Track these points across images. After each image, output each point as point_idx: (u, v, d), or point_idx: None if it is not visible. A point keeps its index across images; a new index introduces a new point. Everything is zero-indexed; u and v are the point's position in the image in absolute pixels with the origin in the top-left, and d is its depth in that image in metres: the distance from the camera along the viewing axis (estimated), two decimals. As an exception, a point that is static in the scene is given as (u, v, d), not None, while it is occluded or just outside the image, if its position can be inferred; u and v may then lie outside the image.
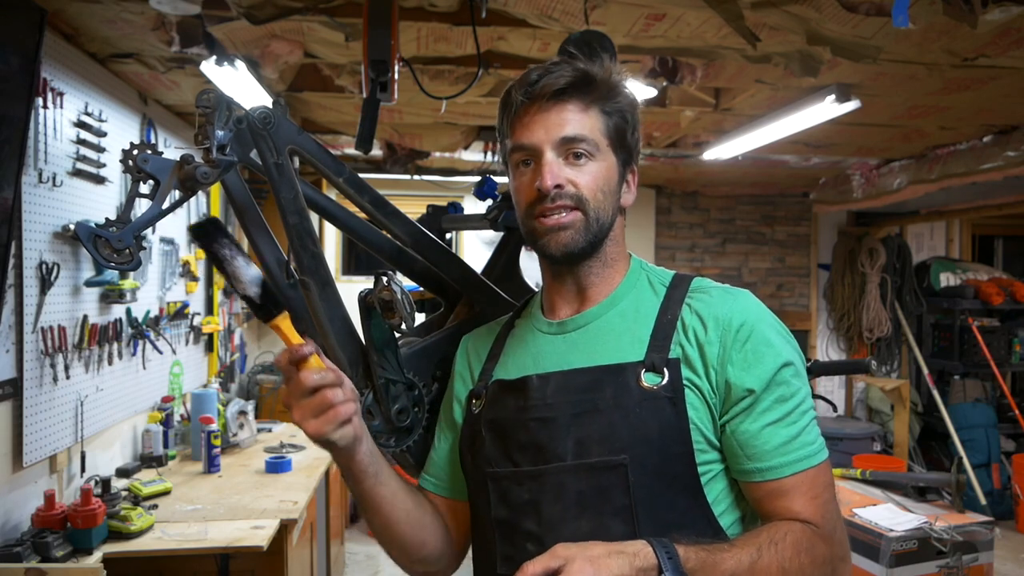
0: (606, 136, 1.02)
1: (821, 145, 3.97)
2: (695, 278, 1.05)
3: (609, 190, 1.02)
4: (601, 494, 0.94)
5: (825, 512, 0.95)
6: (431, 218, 1.63)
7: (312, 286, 1.07)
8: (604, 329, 1.02)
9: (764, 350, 0.95)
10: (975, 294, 5.27)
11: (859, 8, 1.98)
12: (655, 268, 1.09)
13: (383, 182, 4.93)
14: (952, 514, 2.89)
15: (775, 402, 0.94)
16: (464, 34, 2.30)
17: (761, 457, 0.94)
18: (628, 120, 1.04)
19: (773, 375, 0.95)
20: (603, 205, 1.01)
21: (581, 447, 0.95)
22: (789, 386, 0.95)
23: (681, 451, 0.94)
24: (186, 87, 2.88)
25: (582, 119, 1.00)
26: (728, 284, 1.05)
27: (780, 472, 0.93)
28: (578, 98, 1.00)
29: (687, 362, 0.96)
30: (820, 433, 0.97)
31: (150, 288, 3.06)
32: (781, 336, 0.99)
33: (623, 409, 0.95)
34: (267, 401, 4.61)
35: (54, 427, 2.31)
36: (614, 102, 1.02)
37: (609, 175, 1.02)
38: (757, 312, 0.99)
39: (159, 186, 0.96)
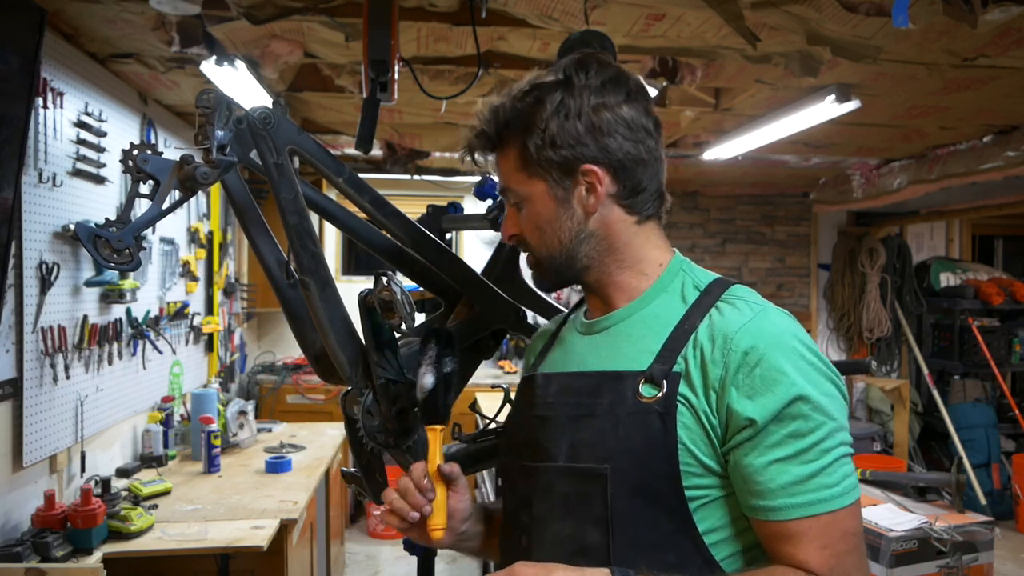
0: (523, 169, 0.98)
1: (821, 145, 3.96)
2: (733, 286, 0.97)
3: (545, 222, 0.99)
4: (583, 500, 0.93)
5: (837, 565, 0.84)
6: (431, 218, 1.63)
7: (312, 286, 1.07)
8: (624, 334, 0.99)
9: (775, 379, 0.86)
10: (975, 294, 5.27)
11: (859, 8, 1.98)
12: (697, 270, 1.01)
13: (383, 182, 4.93)
14: (952, 514, 2.89)
15: (787, 437, 0.85)
16: (464, 34, 2.30)
17: (765, 495, 0.86)
18: (537, 133, 0.96)
19: (782, 408, 0.85)
20: (544, 240, 1.00)
21: (574, 450, 0.94)
22: (808, 420, 0.85)
23: (665, 470, 0.88)
24: (186, 87, 2.88)
25: (505, 166, 1.01)
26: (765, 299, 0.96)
27: (785, 514, 0.85)
28: (501, 144, 1.00)
29: (687, 378, 0.90)
30: (851, 474, 0.87)
31: (150, 288, 3.06)
32: (804, 364, 0.88)
33: (615, 418, 0.92)
34: (267, 401, 4.61)
35: (54, 427, 2.31)
36: (506, 131, 0.99)
37: (540, 209, 0.99)
38: (776, 336, 0.88)
39: (159, 186, 0.96)
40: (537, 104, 0.96)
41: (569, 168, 0.96)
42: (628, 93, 0.98)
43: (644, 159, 0.98)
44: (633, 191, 0.99)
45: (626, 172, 0.98)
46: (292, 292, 1.20)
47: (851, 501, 0.86)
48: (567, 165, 0.96)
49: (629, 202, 0.99)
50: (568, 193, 0.97)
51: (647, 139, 0.98)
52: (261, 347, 5.09)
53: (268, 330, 5.14)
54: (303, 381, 4.67)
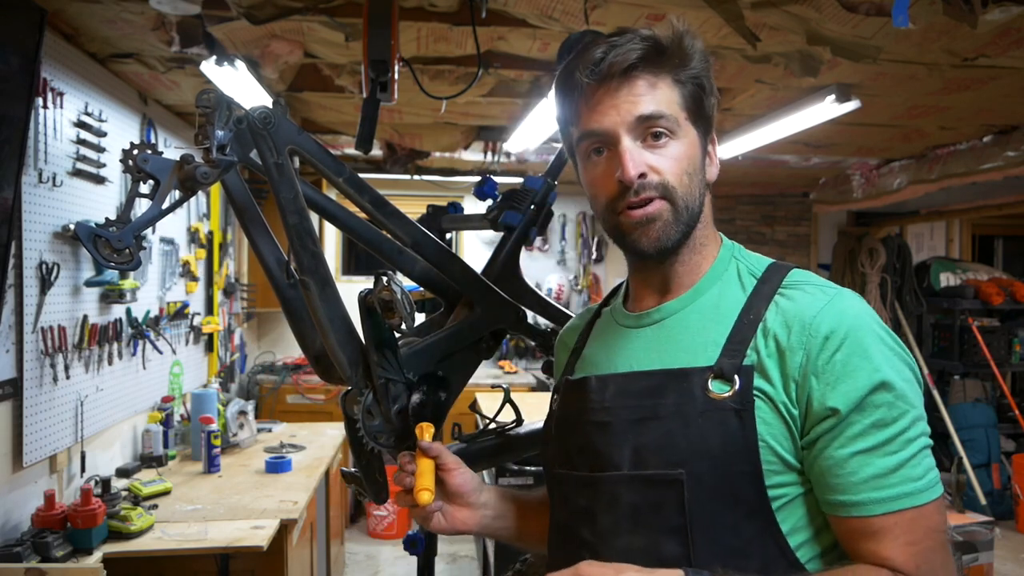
0: (684, 108, 0.90)
1: (821, 145, 3.97)
2: (793, 270, 0.91)
3: (695, 170, 0.91)
4: (656, 509, 0.86)
5: (922, 563, 0.79)
6: (431, 218, 1.63)
7: (312, 286, 1.07)
8: (680, 326, 0.92)
9: (857, 364, 0.81)
10: (975, 294, 5.27)
11: (859, 8, 1.98)
12: (749, 255, 0.96)
13: (383, 182, 4.93)
14: (952, 514, 2.89)
15: (871, 427, 0.80)
16: (464, 34, 2.30)
17: (848, 489, 0.81)
18: (705, 86, 0.92)
19: (866, 394, 0.80)
20: (691, 189, 0.90)
21: (638, 457, 0.88)
22: (891, 408, 0.81)
23: (747, 470, 0.83)
24: (186, 87, 2.88)
25: (656, 94, 0.89)
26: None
27: (869, 509, 0.80)
28: (649, 71, 0.89)
29: (762, 370, 0.84)
30: (934, 467, 0.82)
31: (150, 288, 3.06)
32: (886, 349, 0.83)
33: (684, 418, 0.85)
34: (267, 401, 4.62)
35: (54, 427, 2.31)
36: (688, 68, 0.90)
37: (692, 153, 0.91)
38: (856, 318, 0.84)
39: (159, 186, 0.96)
40: (707, 64, 0.93)
41: (709, 131, 0.95)
42: None
43: None
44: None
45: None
46: (292, 292, 1.20)
47: (937, 495, 0.81)
48: (710, 131, 0.95)
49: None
50: (704, 155, 0.94)
51: None
52: (261, 347, 5.09)
53: (268, 330, 5.14)
54: (303, 381, 4.67)
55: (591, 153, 0.92)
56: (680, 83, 0.90)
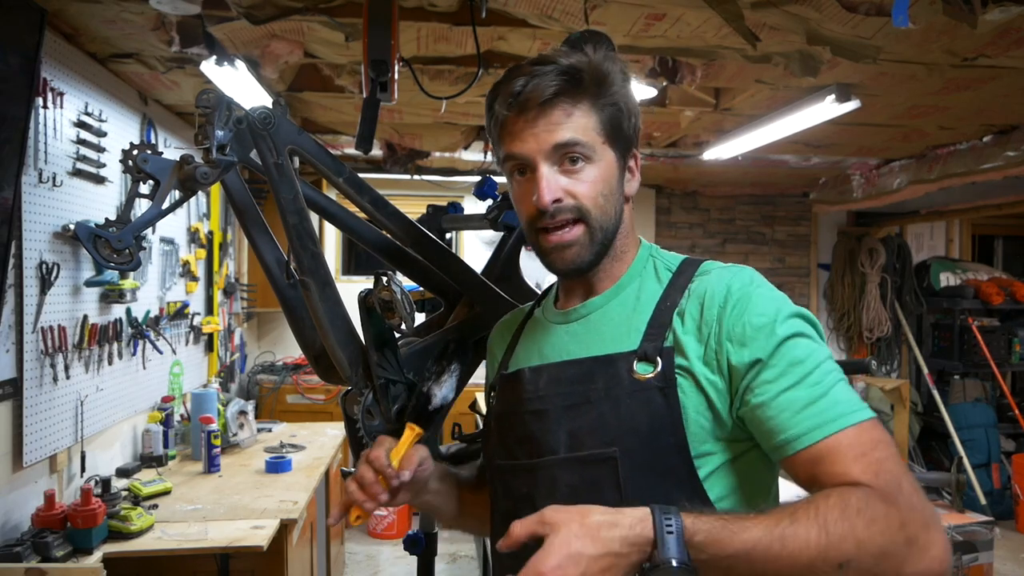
0: (601, 133, 0.95)
1: (821, 145, 3.96)
2: (704, 262, 0.99)
3: (610, 191, 0.96)
4: (593, 487, 0.91)
5: (880, 470, 0.80)
6: (431, 218, 1.63)
7: (312, 286, 1.07)
8: (605, 319, 0.99)
9: (760, 319, 0.88)
10: (975, 294, 5.27)
11: (859, 8, 1.98)
12: (665, 254, 1.04)
13: (383, 182, 4.93)
14: (952, 514, 2.89)
15: (788, 366, 0.86)
16: (464, 34, 2.30)
17: (786, 426, 0.84)
18: (623, 108, 0.96)
19: (780, 341, 0.87)
20: (606, 211, 0.96)
21: (574, 440, 0.93)
22: (801, 347, 0.87)
23: (673, 443, 0.89)
24: (186, 87, 2.88)
25: (573, 121, 0.93)
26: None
27: (811, 437, 0.83)
28: (567, 99, 0.93)
29: (680, 350, 0.90)
30: (856, 394, 0.87)
31: (150, 288, 3.06)
32: (779, 300, 0.91)
33: (613, 400, 0.91)
34: (267, 401, 4.61)
35: (54, 427, 2.31)
36: (606, 93, 0.95)
37: (608, 175, 0.96)
38: (750, 281, 0.92)
39: (159, 186, 0.96)
40: (625, 74, 0.97)
41: (629, 148, 0.99)
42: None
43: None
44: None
45: (637, 158, 1.02)
46: (292, 292, 1.20)
47: (870, 415, 0.85)
48: (628, 144, 0.98)
49: (634, 189, 1.02)
50: (622, 172, 0.99)
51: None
52: (261, 347, 5.09)
53: (268, 330, 5.14)
54: (303, 381, 4.67)
55: (515, 172, 0.98)
56: (598, 108, 0.95)
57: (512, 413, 1.02)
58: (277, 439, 3.46)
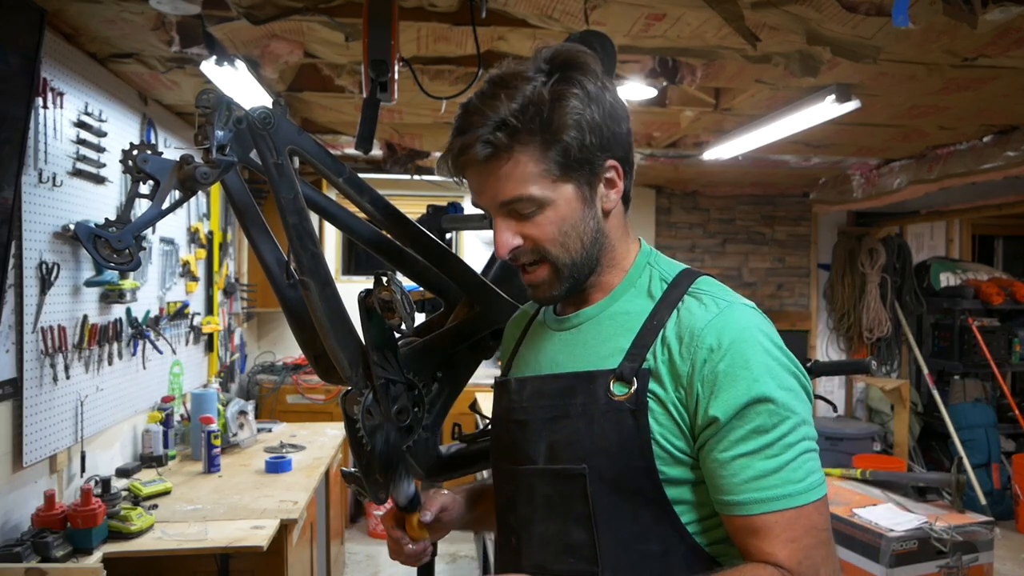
0: (551, 173, 0.90)
1: (821, 145, 3.96)
2: (700, 278, 0.95)
3: (572, 226, 0.92)
4: (564, 500, 0.93)
5: (804, 559, 0.83)
6: (431, 218, 1.63)
7: (312, 286, 1.07)
8: (594, 331, 0.98)
9: (738, 375, 0.85)
10: (975, 294, 5.27)
11: (859, 8, 1.98)
12: (664, 261, 1.00)
13: (383, 182, 4.93)
14: (952, 514, 2.89)
15: (751, 432, 0.85)
16: (464, 34, 2.30)
17: (731, 490, 0.85)
18: (576, 133, 0.89)
19: (745, 404, 0.85)
20: (568, 246, 0.93)
21: (552, 452, 0.94)
22: (771, 416, 0.85)
23: (641, 464, 0.88)
24: (186, 87, 2.88)
25: (518, 171, 0.89)
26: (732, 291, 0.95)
27: (751, 509, 0.84)
28: (506, 152, 0.89)
29: (657, 375, 0.89)
30: (816, 470, 0.86)
31: (150, 288, 3.06)
32: (769, 360, 0.87)
33: (589, 418, 0.91)
34: (267, 401, 4.61)
35: (54, 427, 2.31)
36: (553, 129, 0.88)
37: (566, 213, 0.91)
38: (741, 330, 0.87)
39: (159, 186, 0.96)
40: (561, 99, 0.88)
41: (594, 165, 0.91)
42: (601, 70, 0.93)
43: (631, 142, 0.94)
44: (630, 181, 0.96)
45: (628, 161, 0.94)
46: (292, 292, 1.20)
47: (817, 497, 0.85)
48: (592, 162, 0.91)
49: (628, 193, 0.97)
50: (592, 191, 0.93)
51: (628, 115, 0.95)
52: (261, 347, 5.09)
53: (268, 330, 5.14)
54: (303, 381, 4.67)
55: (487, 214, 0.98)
56: (545, 148, 0.89)
57: (499, 419, 1.06)
58: (277, 439, 3.46)
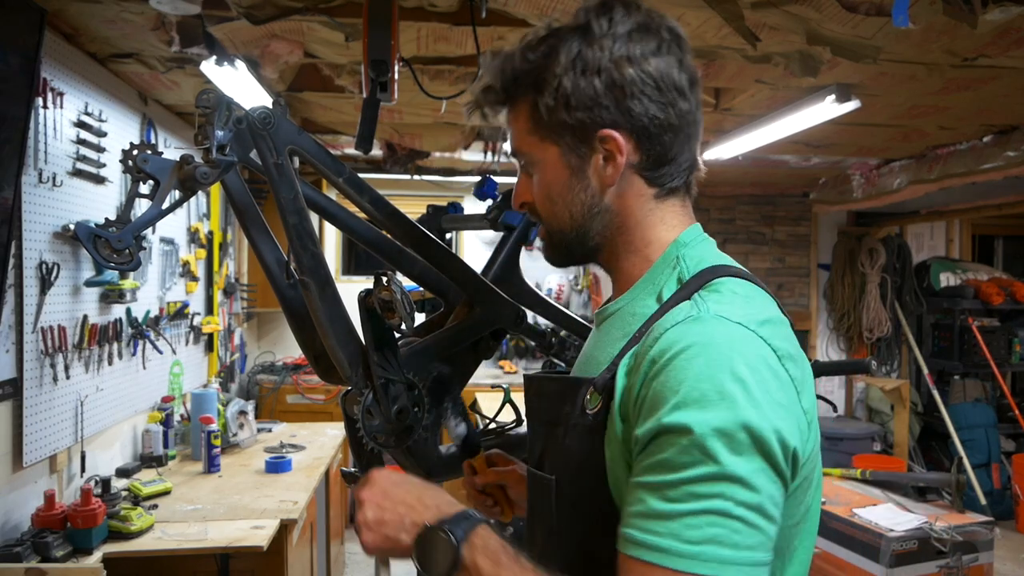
0: (534, 132, 0.87)
1: (821, 145, 3.96)
2: (720, 279, 0.81)
3: (558, 192, 0.87)
4: (542, 504, 0.89)
5: None
6: (431, 218, 1.63)
7: (312, 286, 1.07)
8: (607, 331, 0.90)
9: (664, 396, 0.71)
10: (975, 294, 5.28)
11: (859, 8, 1.98)
12: (694, 255, 0.86)
13: (383, 182, 4.93)
14: (952, 514, 2.89)
15: (657, 464, 0.70)
16: (464, 34, 2.30)
17: (623, 519, 0.73)
18: (551, 96, 0.84)
19: (657, 432, 0.71)
20: (554, 213, 0.89)
21: (542, 456, 0.91)
22: (684, 453, 0.69)
23: (596, 485, 0.78)
24: (186, 87, 2.88)
25: (517, 127, 0.89)
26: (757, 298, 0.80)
27: (623, 545, 0.71)
28: (510, 105, 0.89)
29: (625, 388, 0.78)
30: (723, 541, 0.67)
31: (150, 288, 3.06)
32: (712, 388, 0.69)
33: (566, 428, 0.84)
34: (267, 401, 4.61)
35: (54, 427, 2.31)
36: (536, 88, 0.85)
37: (551, 177, 0.87)
38: (693, 346, 0.72)
39: (159, 186, 0.96)
40: (550, 55, 0.85)
41: (585, 133, 0.84)
42: (660, 43, 0.84)
43: (674, 124, 0.84)
44: (658, 161, 0.85)
45: (651, 140, 0.84)
46: (292, 292, 1.20)
47: (709, 572, 0.66)
48: (583, 130, 0.84)
49: (651, 174, 0.86)
50: (583, 161, 0.86)
51: (679, 100, 0.84)
52: (261, 347, 5.09)
53: (268, 330, 5.14)
54: (303, 381, 4.67)
55: None
56: (529, 107, 0.86)
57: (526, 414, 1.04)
58: (277, 439, 3.46)
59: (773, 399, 0.71)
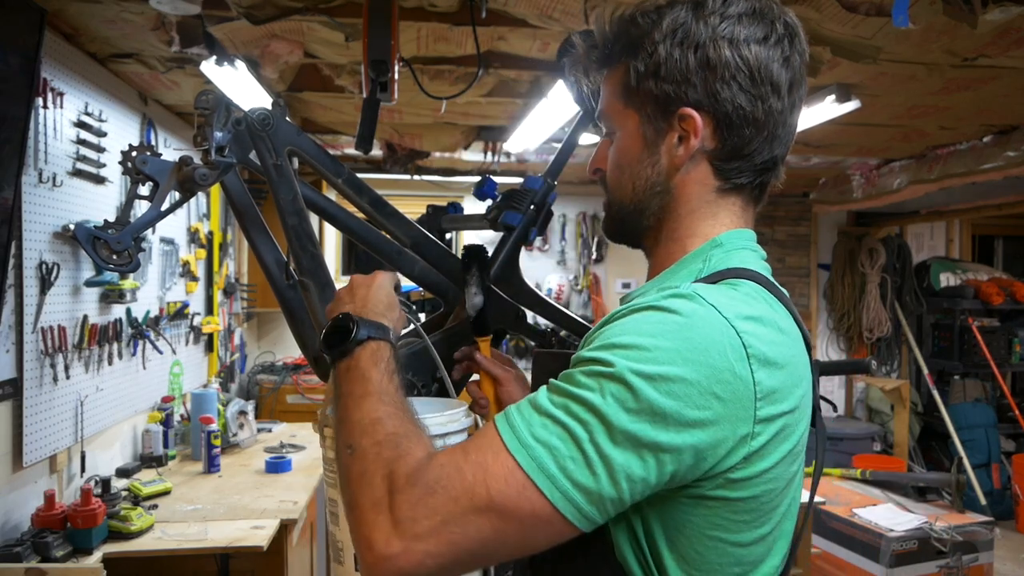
0: (621, 96, 0.84)
1: (821, 145, 3.96)
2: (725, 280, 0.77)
3: (628, 162, 0.85)
4: None
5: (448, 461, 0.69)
6: (431, 218, 1.63)
7: (311, 287, 1.07)
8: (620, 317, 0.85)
9: (611, 334, 0.71)
10: (975, 294, 5.28)
11: (859, 8, 1.98)
12: (722, 257, 0.81)
13: (383, 182, 4.94)
14: (952, 514, 2.89)
15: (564, 375, 0.71)
16: (464, 34, 2.30)
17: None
18: (643, 56, 0.81)
19: (584, 358, 0.71)
20: (619, 182, 0.86)
21: None
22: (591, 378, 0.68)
23: None
24: (186, 87, 2.88)
25: (607, 90, 0.87)
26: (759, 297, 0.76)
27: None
28: (606, 68, 0.87)
29: None
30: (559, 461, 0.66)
31: (150, 288, 3.06)
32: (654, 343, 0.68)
33: None
34: (267, 401, 4.61)
35: (54, 427, 2.31)
36: (625, 52, 0.83)
37: (626, 145, 0.85)
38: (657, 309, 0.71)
39: (158, 188, 0.97)
40: (655, 22, 0.81)
41: (667, 107, 0.81)
42: (769, 32, 0.81)
43: (759, 119, 0.80)
44: (732, 154, 0.81)
45: (731, 129, 0.80)
46: (291, 293, 1.20)
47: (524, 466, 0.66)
48: (666, 103, 0.81)
49: (721, 164, 0.82)
50: (659, 136, 0.83)
51: (771, 96, 0.80)
52: (261, 347, 5.09)
53: (268, 330, 5.14)
54: (303, 381, 4.67)
55: None
56: (620, 71, 0.85)
57: None
58: (277, 439, 3.46)
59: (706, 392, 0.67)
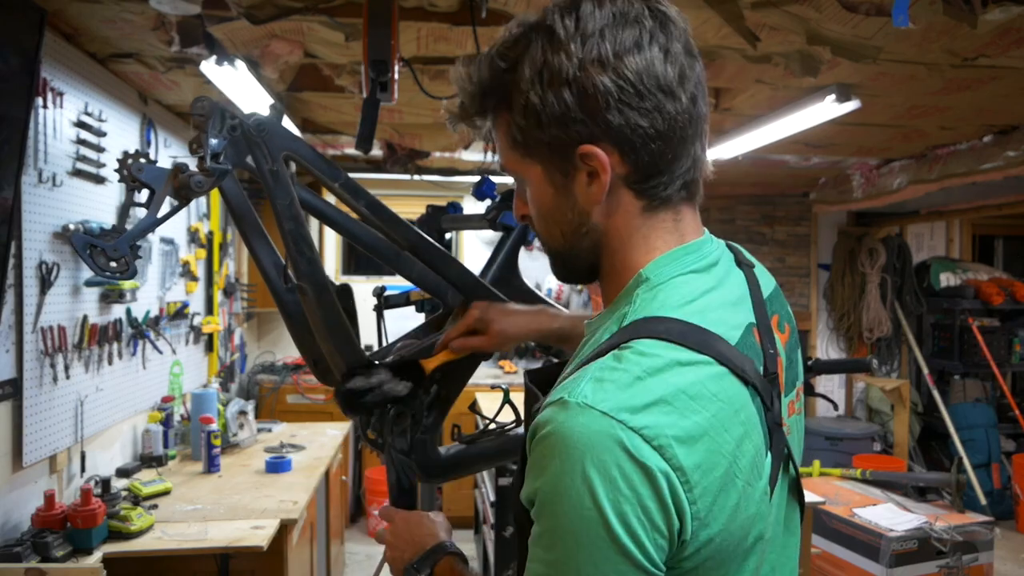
0: (515, 148, 0.78)
1: (821, 145, 3.96)
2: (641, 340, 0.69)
3: (545, 209, 0.80)
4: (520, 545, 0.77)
5: None
6: (430, 218, 1.63)
7: (309, 291, 1.07)
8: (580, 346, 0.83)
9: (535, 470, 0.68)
10: (975, 294, 5.27)
11: (859, 8, 1.98)
12: (646, 298, 0.75)
13: (383, 182, 4.93)
14: (952, 514, 2.89)
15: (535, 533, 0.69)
16: (464, 34, 2.30)
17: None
18: (518, 107, 0.75)
19: (531, 497, 0.69)
20: (548, 230, 0.81)
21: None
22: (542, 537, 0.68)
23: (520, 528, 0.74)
24: (186, 87, 2.88)
25: (501, 143, 0.80)
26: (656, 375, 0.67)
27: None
28: (495, 116, 0.79)
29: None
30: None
31: (150, 288, 3.06)
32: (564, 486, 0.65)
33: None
34: (267, 401, 4.62)
35: (54, 427, 2.31)
36: (498, 99, 0.77)
37: (538, 194, 0.79)
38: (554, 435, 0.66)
39: (154, 195, 0.97)
40: (516, 67, 0.74)
41: (564, 151, 0.74)
42: (639, 35, 0.73)
43: (661, 130, 0.73)
44: (649, 172, 0.75)
45: (637, 151, 0.73)
46: (290, 296, 1.20)
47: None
48: (561, 147, 0.74)
49: (640, 186, 0.76)
50: (568, 179, 0.76)
51: (666, 102, 0.73)
52: (261, 347, 5.10)
53: (268, 330, 5.15)
54: (303, 381, 4.68)
55: None
56: (504, 122, 0.78)
57: None
58: (277, 439, 3.46)
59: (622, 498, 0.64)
